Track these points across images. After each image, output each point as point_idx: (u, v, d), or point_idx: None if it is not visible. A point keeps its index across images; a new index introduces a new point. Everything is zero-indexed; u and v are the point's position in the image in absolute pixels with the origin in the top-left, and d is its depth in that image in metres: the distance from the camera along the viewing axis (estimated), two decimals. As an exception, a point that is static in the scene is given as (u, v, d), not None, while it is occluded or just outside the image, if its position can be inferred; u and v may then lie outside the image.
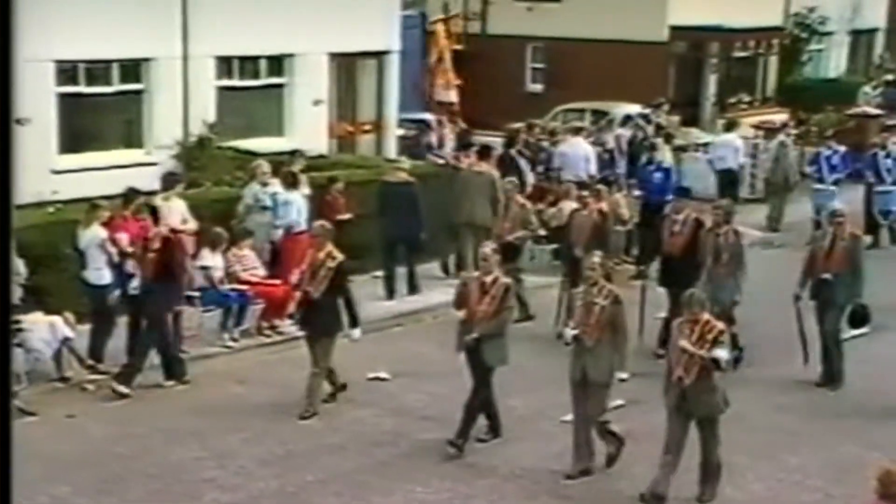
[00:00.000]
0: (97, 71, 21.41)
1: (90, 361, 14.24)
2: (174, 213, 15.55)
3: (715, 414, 11.17)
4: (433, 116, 27.01)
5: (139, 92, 21.93)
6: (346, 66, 25.18)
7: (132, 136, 22.09)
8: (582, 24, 32.30)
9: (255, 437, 12.88)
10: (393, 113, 25.82)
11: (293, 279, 14.17)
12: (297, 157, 18.77)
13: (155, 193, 15.94)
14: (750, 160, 25.21)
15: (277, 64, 23.94)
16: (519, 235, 16.98)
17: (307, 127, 23.90)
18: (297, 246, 16.02)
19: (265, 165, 17.60)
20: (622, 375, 12.22)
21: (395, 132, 25.87)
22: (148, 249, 14.03)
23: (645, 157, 21.45)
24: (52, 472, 11.70)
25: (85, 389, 13.96)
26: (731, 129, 24.68)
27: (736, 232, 15.38)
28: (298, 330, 14.30)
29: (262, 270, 16.41)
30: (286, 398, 13.59)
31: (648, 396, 12.48)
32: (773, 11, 34.65)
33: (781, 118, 28.86)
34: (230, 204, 17.38)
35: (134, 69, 21.79)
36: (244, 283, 15.98)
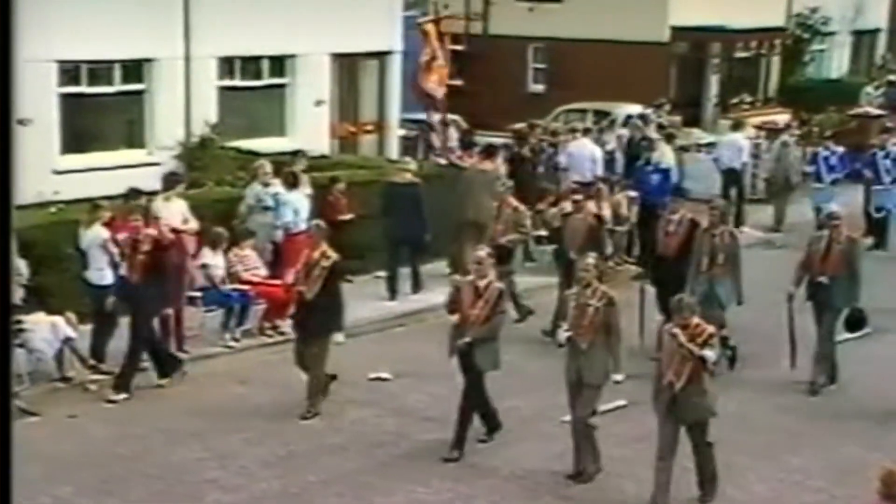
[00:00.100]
0: (99, 71, 21.42)
1: (92, 361, 14.24)
2: (175, 213, 15.55)
3: (705, 418, 11.10)
4: (436, 117, 26.92)
5: (141, 92, 21.94)
6: (348, 66, 25.18)
7: (134, 136, 22.10)
8: (583, 24, 32.28)
9: (256, 437, 12.88)
10: (395, 113, 25.82)
11: (288, 279, 14.17)
12: (298, 157, 18.78)
13: (156, 194, 15.95)
14: (751, 160, 25.19)
15: (279, 64, 23.95)
16: (511, 238, 16.92)
17: (309, 127, 23.91)
18: (297, 246, 16.01)
19: (267, 166, 17.60)
20: (617, 377, 12.12)
21: (396, 132, 25.87)
22: (137, 250, 13.99)
23: (643, 158, 21.39)
24: (53, 472, 11.72)
25: (87, 390, 13.96)
26: (737, 129, 24.65)
27: (731, 233, 15.35)
28: (292, 330, 14.27)
29: (263, 270, 16.42)
30: (288, 398, 13.59)
31: (649, 398, 12.45)
32: (774, 12, 34.61)
33: (783, 118, 28.85)
34: (232, 204, 17.39)
35: (136, 69, 21.80)
36: (246, 283, 15.98)
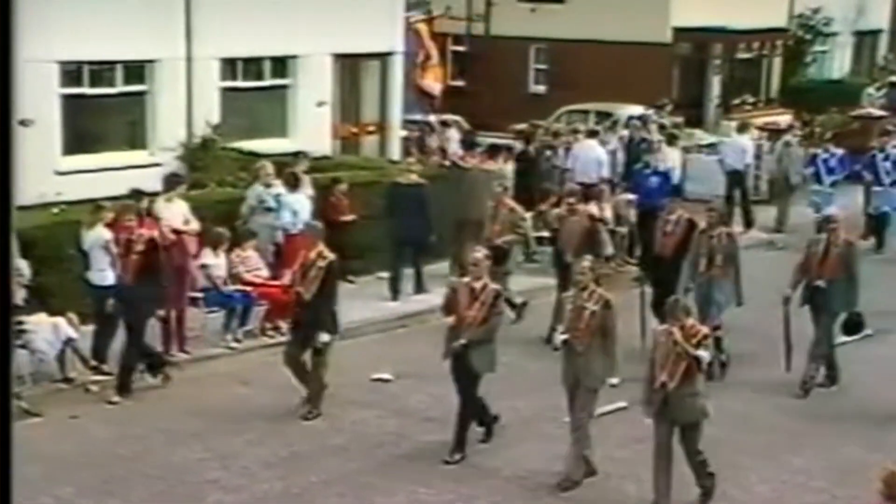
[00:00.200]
0: (101, 72, 21.42)
1: (93, 362, 14.23)
2: (176, 214, 15.55)
3: (698, 419, 11.03)
4: (432, 117, 26.96)
5: (143, 93, 21.95)
6: (349, 67, 25.18)
7: (136, 137, 22.10)
8: (585, 25, 32.28)
9: (258, 438, 12.88)
10: (397, 114, 25.82)
11: (285, 280, 14.17)
12: (300, 158, 18.80)
13: (158, 194, 15.95)
14: (754, 161, 25.16)
15: (281, 65, 23.95)
16: (508, 239, 16.89)
17: (311, 128, 23.91)
18: (297, 247, 16.01)
19: (269, 166, 17.60)
20: (613, 381, 12.06)
21: (398, 133, 25.88)
22: (131, 251, 13.95)
23: (642, 161, 21.19)
24: (55, 472, 11.72)
25: (88, 390, 13.95)
26: (743, 130, 24.57)
27: (730, 234, 15.32)
28: (288, 330, 14.22)
29: (265, 271, 16.42)
30: (290, 399, 13.58)
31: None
32: (776, 12, 34.59)
33: (785, 119, 28.83)
34: (234, 205, 17.38)
35: (138, 70, 21.80)
36: (248, 283, 15.98)
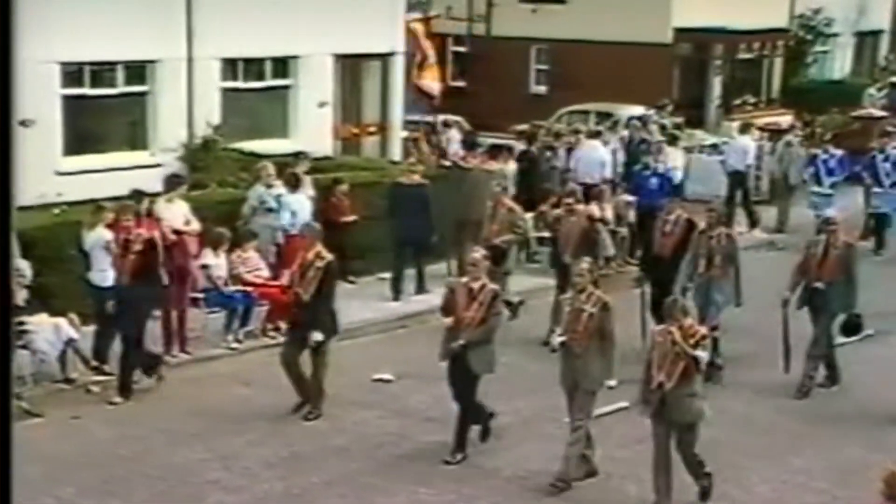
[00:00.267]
0: (102, 73, 21.42)
1: (95, 363, 14.24)
2: (177, 214, 15.55)
3: (695, 421, 10.99)
4: (430, 117, 26.90)
5: (144, 94, 21.95)
6: (350, 67, 25.18)
7: (137, 137, 22.11)
8: (586, 25, 32.28)
9: (259, 438, 12.89)
10: (398, 114, 25.81)
11: (283, 281, 14.16)
12: (301, 158, 18.81)
13: (159, 195, 15.95)
14: (755, 162, 25.15)
15: (282, 66, 23.95)
16: (506, 239, 16.89)
17: (312, 129, 23.91)
18: (297, 247, 16.00)
19: (270, 167, 17.60)
20: (610, 383, 11.97)
21: (399, 134, 25.87)
22: (129, 251, 13.94)
23: (641, 162, 21.13)
24: (56, 473, 11.73)
25: (90, 391, 13.96)
26: (745, 131, 24.55)
27: (729, 234, 15.29)
28: (286, 331, 14.19)
29: (266, 272, 16.42)
30: (291, 400, 13.57)
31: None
32: (777, 13, 34.59)
33: (786, 120, 28.83)
34: (235, 205, 17.39)
35: (139, 71, 21.80)
36: (249, 284, 15.98)
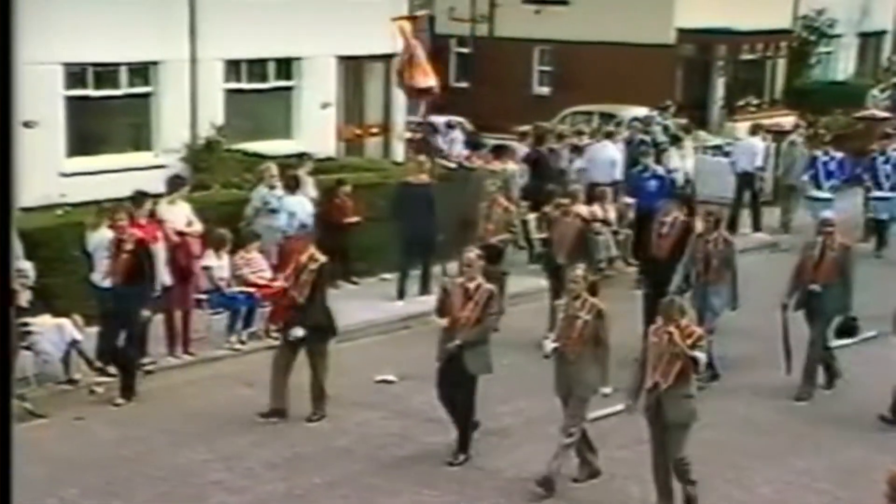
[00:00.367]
0: (105, 74, 21.46)
1: (98, 364, 14.26)
2: (179, 215, 15.56)
3: (688, 421, 10.92)
4: (444, 118, 26.92)
5: (147, 95, 21.98)
6: (353, 68, 25.21)
7: (140, 138, 22.14)
8: (589, 26, 32.28)
9: (262, 439, 12.90)
10: (400, 115, 25.84)
11: (277, 283, 14.16)
12: (304, 159, 18.83)
13: (162, 196, 15.96)
14: (763, 163, 25.11)
15: (285, 67, 23.99)
16: (502, 238, 16.89)
17: (315, 130, 23.95)
18: (293, 249, 15.99)
19: (273, 168, 17.63)
20: (605, 390, 11.81)
21: (402, 135, 25.89)
22: (121, 250, 13.93)
23: (641, 163, 21.11)
24: (59, 474, 11.74)
25: (93, 392, 13.98)
26: (755, 132, 24.51)
27: (726, 239, 15.25)
28: (281, 333, 14.13)
29: (269, 273, 16.43)
30: (293, 401, 13.59)
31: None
32: (780, 14, 34.58)
33: (789, 121, 28.78)
34: (238, 206, 17.41)
35: (142, 72, 21.84)
36: (252, 285, 16.00)
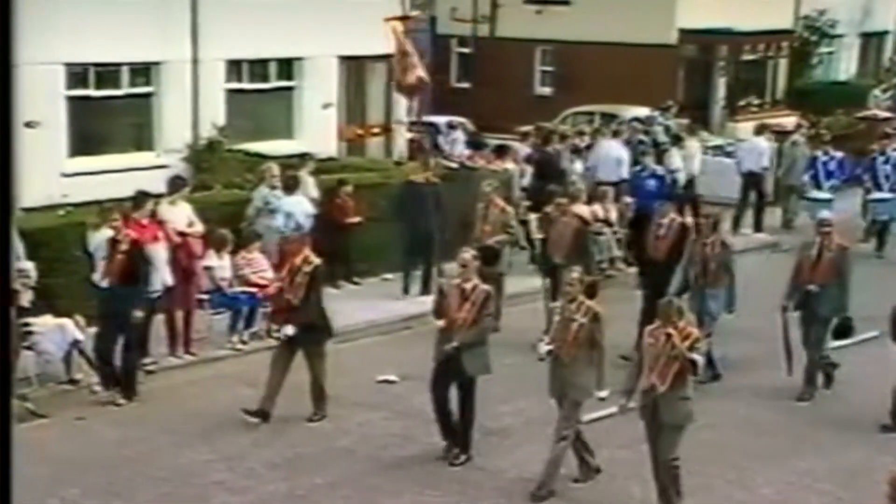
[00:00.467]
0: (107, 74, 21.48)
1: (98, 364, 14.24)
2: (180, 216, 15.55)
3: (684, 423, 10.92)
4: (446, 118, 26.94)
5: (149, 95, 22.01)
6: (355, 69, 25.22)
7: (142, 139, 22.16)
8: (591, 27, 32.28)
9: (263, 439, 12.90)
10: (402, 116, 25.84)
11: (274, 286, 14.15)
12: (306, 159, 18.83)
13: (162, 196, 15.96)
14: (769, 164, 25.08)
15: (287, 67, 24.01)
16: (499, 239, 16.86)
17: (316, 130, 23.96)
18: (290, 250, 15.97)
19: (275, 168, 17.63)
20: (601, 394, 11.75)
21: (404, 135, 25.90)
22: (116, 250, 13.90)
23: (640, 164, 21.10)
24: (61, 474, 11.74)
25: (94, 392, 13.97)
26: (760, 132, 24.50)
27: (723, 242, 15.22)
28: (281, 336, 14.15)
29: (271, 273, 16.42)
30: (295, 401, 13.58)
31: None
32: (782, 14, 34.59)
33: (791, 121, 28.78)
34: (240, 207, 17.41)
35: (144, 72, 21.86)
36: (254, 285, 16.00)
